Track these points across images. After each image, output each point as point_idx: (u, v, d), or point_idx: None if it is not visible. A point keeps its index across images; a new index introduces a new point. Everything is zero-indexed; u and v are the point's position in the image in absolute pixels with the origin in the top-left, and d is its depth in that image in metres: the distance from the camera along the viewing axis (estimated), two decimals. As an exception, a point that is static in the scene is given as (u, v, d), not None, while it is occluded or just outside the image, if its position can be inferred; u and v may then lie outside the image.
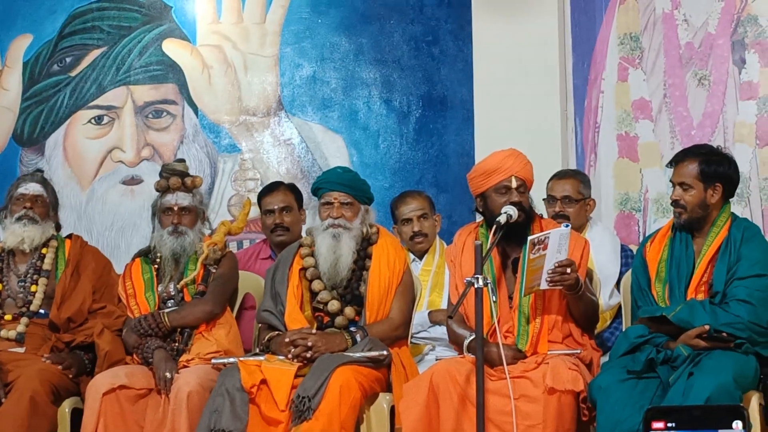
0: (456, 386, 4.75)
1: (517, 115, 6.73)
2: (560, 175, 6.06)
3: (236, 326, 5.50)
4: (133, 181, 7.64)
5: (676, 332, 4.75)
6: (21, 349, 5.45)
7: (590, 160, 6.85)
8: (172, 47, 7.65)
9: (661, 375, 4.66)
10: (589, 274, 5.17)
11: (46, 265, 5.62)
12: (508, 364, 4.69)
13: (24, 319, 5.50)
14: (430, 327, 5.86)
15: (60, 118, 7.71)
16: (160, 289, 5.49)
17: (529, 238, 4.75)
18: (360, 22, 7.49)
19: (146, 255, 5.60)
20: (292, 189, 6.34)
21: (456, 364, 4.82)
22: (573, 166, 6.73)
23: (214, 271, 5.52)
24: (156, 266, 5.54)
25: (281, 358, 5.09)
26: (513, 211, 4.90)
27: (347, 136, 7.48)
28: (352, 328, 5.21)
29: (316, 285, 5.29)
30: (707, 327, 4.67)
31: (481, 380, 4.49)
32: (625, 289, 5.40)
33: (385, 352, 5.09)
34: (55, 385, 5.24)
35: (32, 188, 5.67)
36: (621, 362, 4.75)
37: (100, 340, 5.35)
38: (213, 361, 5.19)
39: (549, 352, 4.83)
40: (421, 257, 6.07)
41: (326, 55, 7.52)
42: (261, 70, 7.56)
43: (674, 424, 4.22)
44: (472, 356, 4.69)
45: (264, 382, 4.95)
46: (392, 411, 5.03)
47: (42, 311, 5.54)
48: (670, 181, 4.99)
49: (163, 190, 5.59)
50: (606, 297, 5.68)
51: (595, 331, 5.22)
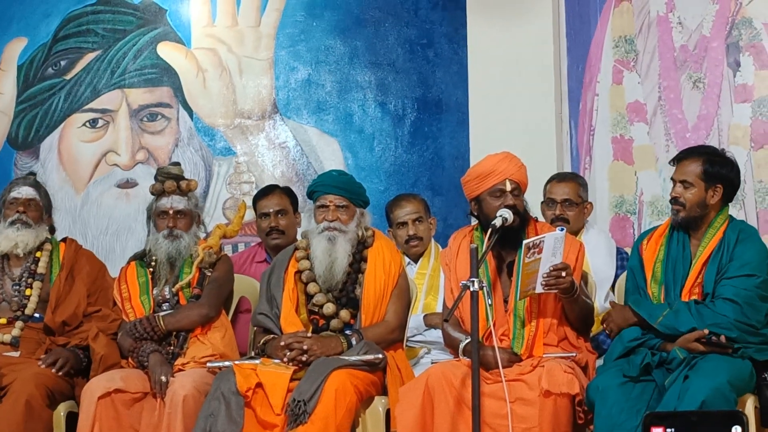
0: (452, 389, 4.75)
1: (512, 118, 6.73)
2: (560, 178, 6.04)
3: (231, 330, 5.50)
4: (128, 184, 7.63)
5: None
6: (16, 354, 5.43)
7: (585, 162, 6.85)
8: (166, 50, 7.64)
9: (657, 379, 4.66)
10: (584, 277, 5.17)
11: (41, 268, 5.61)
12: (503, 367, 4.69)
13: (19, 323, 5.48)
14: (425, 330, 5.85)
15: (55, 122, 7.69)
16: (155, 292, 5.48)
17: (524, 242, 4.74)
18: (355, 25, 7.48)
19: (141, 258, 5.60)
20: (288, 192, 6.33)
21: (451, 368, 4.82)
22: (568, 169, 6.73)
23: (209, 274, 5.52)
24: (151, 270, 5.53)
25: (277, 361, 5.09)
26: (508, 214, 4.89)
27: (342, 139, 7.47)
28: (348, 332, 5.21)
29: (312, 288, 5.29)
30: (706, 331, 4.66)
31: (477, 383, 4.49)
32: (620, 291, 5.40)
33: (380, 356, 5.08)
34: (51, 389, 5.23)
35: (25, 192, 5.66)
36: (617, 365, 4.75)
37: (95, 344, 5.34)
38: (208, 364, 5.18)
39: (544, 356, 4.83)
40: (416, 260, 6.07)
41: (321, 58, 7.52)
42: (256, 73, 7.56)
43: (673, 430, 4.21)
44: (468, 359, 4.69)
45: (259, 385, 4.95)
46: (388, 414, 5.02)
47: (37, 315, 5.52)
48: (671, 178, 4.97)
49: (158, 193, 5.58)
50: (601, 300, 5.68)
51: (591, 334, 5.22)
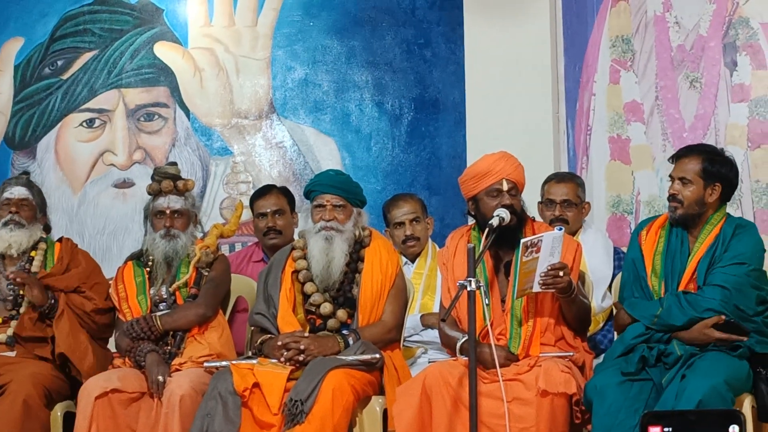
0: (449, 389, 4.75)
1: (509, 117, 6.73)
2: (558, 179, 6.02)
3: (228, 329, 5.49)
4: (125, 184, 7.62)
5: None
6: (12, 353, 5.43)
7: (582, 162, 6.85)
8: (163, 50, 7.63)
9: (654, 377, 4.66)
10: (582, 277, 5.17)
11: (35, 267, 5.60)
12: (500, 364, 4.68)
13: (14, 323, 5.48)
14: (422, 330, 5.85)
15: (51, 122, 7.69)
16: (152, 292, 5.48)
17: (522, 241, 4.73)
18: (352, 25, 7.48)
19: (138, 258, 5.59)
20: (285, 192, 6.33)
21: (449, 367, 4.82)
22: (565, 168, 6.73)
23: (206, 274, 5.51)
24: (148, 269, 5.52)
25: (274, 361, 5.09)
26: (505, 213, 4.89)
27: (339, 139, 7.47)
28: (345, 331, 5.21)
29: (309, 288, 5.29)
30: (723, 317, 4.67)
31: (474, 383, 4.49)
32: (617, 291, 5.39)
33: (377, 355, 5.08)
34: (48, 389, 5.23)
35: (17, 192, 5.65)
36: (616, 363, 4.75)
37: (57, 330, 5.32)
38: (205, 364, 5.18)
39: (541, 355, 4.83)
40: (413, 260, 6.06)
41: (318, 58, 7.51)
42: (253, 73, 7.55)
43: (670, 429, 4.21)
44: (465, 358, 4.69)
45: (256, 385, 4.94)
46: (385, 414, 5.02)
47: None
48: (670, 176, 4.97)
49: (155, 193, 5.57)
50: (599, 299, 5.68)
51: (588, 334, 5.22)
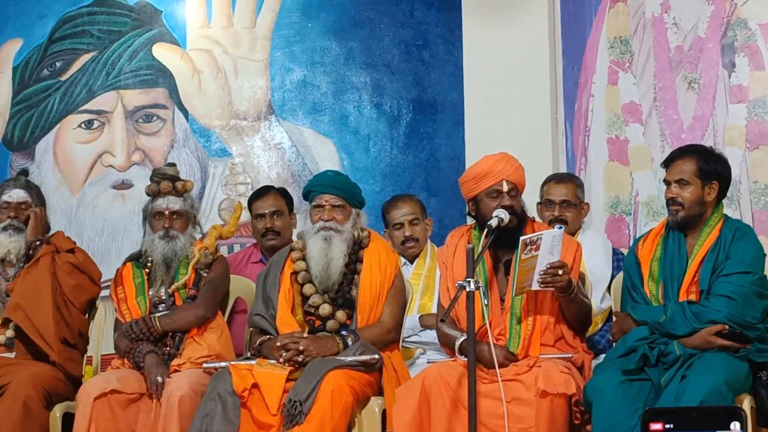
0: (448, 389, 4.74)
1: (508, 118, 6.73)
2: (558, 179, 6.02)
3: (227, 330, 5.49)
4: (124, 185, 7.63)
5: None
6: (11, 355, 5.42)
7: (581, 163, 6.85)
8: (162, 52, 7.64)
9: (653, 377, 4.66)
10: (582, 277, 5.17)
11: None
12: (500, 364, 4.68)
13: (13, 324, 5.47)
14: (421, 331, 5.85)
15: (50, 123, 7.69)
16: (151, 293, 5.48)
17: (522, 238, 4.73)
18: (350, 26, 7.48)
19: (137, 259, 5.59)
20: (283, 193, 6.33)
21: (448, 368, 4.82)
22: (563, 169, 6.73)
23: (205, 275, 5.51)
24: (147, 270, 5.52)
25: (273, 362, 5.08)
26: (504, 214, 4.89)
27: (338, 140, 7.48)
28: (344, 332, 5.21)
29: (308, 289, 5.29)
30: (726, 327, 4.68)
31: (473, 383, 4.49)
32: (616, 292, 5.39)
33: (376, 356, 5.08)
34: (48, 390, 5.23)
35: (16, 195, 5.65)
36: (616, 363, 4.74)
37: (23, 276, 5.37)
38: (204, 365, 5.18)
39: (541, 356, 4.83)
40: (412, 261, 6.06)
41: (316, 59, 7.52)
42: (251, 74, 7.56)
43: (672, 426, 4.20)
44: (464, 358, 4.69)
45: (255, 386, 4.94)
46: (384, 415, 5.02)
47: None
48: (664, 180, 4.97)
49: (154, 194, 5.57)
50: (597, 300, 5.68)
51: (587, 335, 5.22)
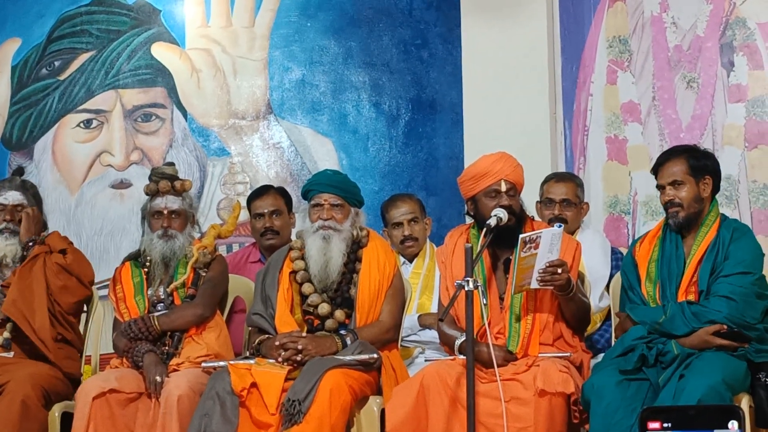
0: (446, 389, 4.75)
1: (507, 118, 6.73)
2: (558, 178, 6.03)
3: (226, 330, 5.50)
4: (122, 185, 7.63)
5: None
6: (9, 355, 5.42)
7: (579, 163, 6.86)
8: (160, 51, 7.64)
9: (651, 377, 4.66)
10: (581, 276, 5.17)
11: None
12: (498, 364, 4.69)
13: (10, 325, 5.46)
14: (420, 330, 5.85)
15: (49, 122, 7.69)
16: (149, 292, 5.48)
17: (521, 236, 4.73)
18: (349, 26, 7.48)
19: (136, 259, 5.59)
20: (282, 193, 6.33)
21: (446, 367, 4.82)
22: (562, 169, 6.73)
23: (203, 274, 5.51)
24: (146, 270, 5.52)
25: (271, 361, 5.08)
26: (502, 214, 4.90)
27: (336, 140, 7.48)
28: (343, 331, 5.21)
29: (307, 288, 5.29)
30: (725, 326, 4.68)
31: (472, 382, 4.49)
32: (614, 291, 5.40)
33: (375, 356, 5.08)
34: (46, 389, 5.23)
35: (11, 197, 5.64)
36: (614, 362, 4.74)
37: (17, 276, 5.36)
38: (203, 364, 5.18)
39: (539, 355, 4.83)
40: (411, 260, 6.06)
41: (315, 58, 7.52)
42: (250, 73, 7.56)
43: (670, 425, 4.20)
44: (463, 357, 4.69)
45: (254, 385, 4.94)
46: (382, 414, 5.01)
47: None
48: (658, 186, 4.97)
49: (153, 193, 5.57)
50: (596, 299, 5.68)
51: (585, 334, 5.22)
